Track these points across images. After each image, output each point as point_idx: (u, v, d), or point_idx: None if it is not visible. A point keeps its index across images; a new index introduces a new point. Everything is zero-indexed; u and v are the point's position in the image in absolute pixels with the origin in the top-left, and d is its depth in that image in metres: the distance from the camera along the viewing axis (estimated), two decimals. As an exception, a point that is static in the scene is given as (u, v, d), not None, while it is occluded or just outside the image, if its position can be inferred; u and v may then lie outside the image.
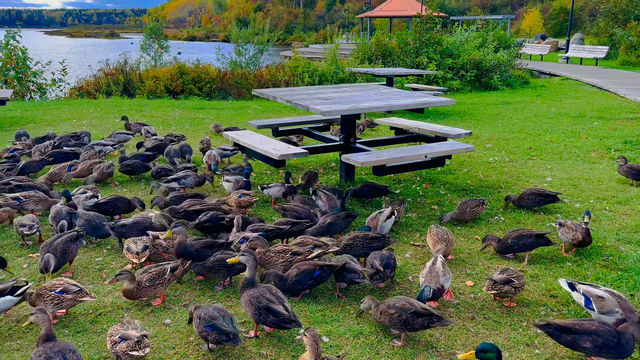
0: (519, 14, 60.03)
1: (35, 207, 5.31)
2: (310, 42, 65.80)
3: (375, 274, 3.98)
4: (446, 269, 3.85)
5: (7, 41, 15.91)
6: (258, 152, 5.96)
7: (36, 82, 16.71)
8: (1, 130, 10.15)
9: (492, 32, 23.13)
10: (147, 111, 13.08)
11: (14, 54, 16.01)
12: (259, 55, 20.72)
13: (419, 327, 3.33)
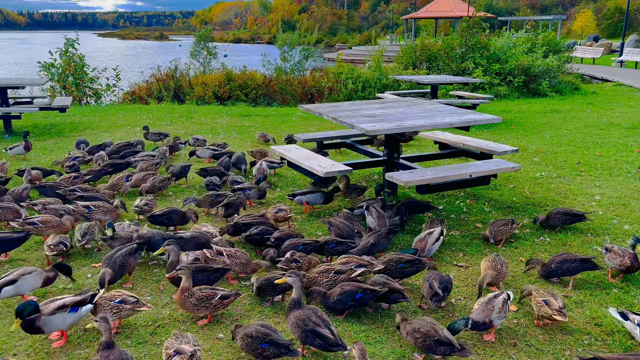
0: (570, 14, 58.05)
1: (103, 217, 5.65)
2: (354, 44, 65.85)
3: (434, 296, 4.11)
4: (505, 308, 3.76)
5: (67, 48, 16.83)
6: (304, 167, 6.14)
7: (92, 87, 17.58)
8: (62, 137, 10.76)
9: (541, 35, 22.58)
10: (197, 118, 13.53)
11: (73, 61, 16.91)
12: (304, 61, 20.98)
13: (441, 354, 3.48)
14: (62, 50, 16.75)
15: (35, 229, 5.10)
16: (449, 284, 4.22)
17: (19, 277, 4.00)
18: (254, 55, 54.63)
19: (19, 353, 3.58)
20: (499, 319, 3.74)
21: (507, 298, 3.84)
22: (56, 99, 12.14)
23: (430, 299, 4.13)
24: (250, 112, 15.21)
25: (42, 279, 4.14)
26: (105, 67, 18.23)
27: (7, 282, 3.94)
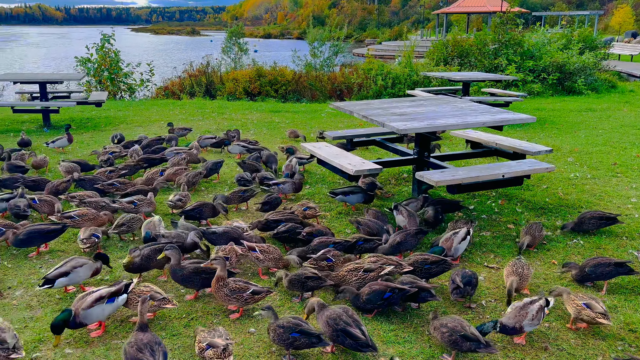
0: (607, 10, 56.29)
1: (147, 209, 5.86)
2: (384, 39, 65.37)
3: (455, 289, 4.12)
4: (539, 315, 3.71)
5: (103, 44, 17.25)
6: (333, 165, 6.18)
7: (126, 82, 17.98)
8: (97, 131, 11.07)
9: (577, 31, 22.00)
10: (228, 114, 13.70)
11: (108, 56, 17.33)
12: (334, 57, 20.96)
13: (467, 349, 3.50)
14: (99, 46, 17.19)
15: (72, 222, 5.29)
16: (472, 278, 4.22)
17: (71, 269, 4.22)
18: (283, 51, 54.83)
19: (60, 342, 3.73)
20: (530, 325, 3.70)
21: (545, 305, 3.79)
22: (92, 93, 12.48)
23: (452, 292, 4.17)
24: (280, 108, 15.32)
25: (92, 270, 4.37)
26: (139, 62, 18.61)
27: (61, 274, 4.17)
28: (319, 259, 4.64)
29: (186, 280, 4.27)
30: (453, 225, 5.39)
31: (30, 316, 4.03)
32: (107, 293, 3.76)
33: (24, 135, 9.08)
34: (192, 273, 4.26)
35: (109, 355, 3.59)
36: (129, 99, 17.73)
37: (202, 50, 47.84)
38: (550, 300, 3.87)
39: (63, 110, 12.04)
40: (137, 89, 18.33)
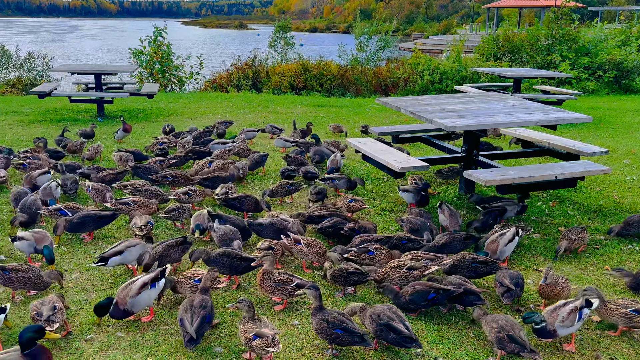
0: (673, 3, 53.16)
1: (199, 199, 6.06)
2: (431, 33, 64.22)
3: (506, 292, 4.06)
4: (571, 317, 3.57)
5: (155, 37, 17.74)
6: (379, 161, 6.14)
7: (177, 75, 18.43)
8: (149, 122, 11.41)
9: (636, 27, 20.92)
10: (273, 107, 13.84)
11: (160, 49, 17.80)
12: (380, 51, 20.78)
13: (510, 351, 3.46)
14: (151, 39, 17.68)
15: (127, 208, 5.50)
16: (519, 279, 4.16)
17: (125, 248, 4.43)
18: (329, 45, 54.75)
19: (112, 324, 3.89)
20: (563, 327, 3.59)
21: (583, 306, 3.64)
22: (145, 85, 12.85)
23: (502, 296, 4.09)
24: (325, 102, 15.34)
25: (144, 251, 4.55)
26: (189, 55, 19.02)
27: (115, 253, 4.39)
28: (360, 251, 4.64)
29: (214, 263, 4.35)
30: (499, 226, 5.26)
31: (85, 299, 4.22)
32: (149, 279, 3.88)
33: (94, 126, 9.37)
34: (220, 255, 4.37)
35: (158, 340, 3.71)
36: (179, 91, 18.19)
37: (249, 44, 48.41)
38: (594, 302, 3.73)
39: (116, 101, 12.47)
40: (187, 81, 18.76)
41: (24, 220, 5.22)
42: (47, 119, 11.29)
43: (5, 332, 3.76)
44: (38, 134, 9.62)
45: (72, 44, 57.94)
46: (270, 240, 4.84)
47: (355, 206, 5.86)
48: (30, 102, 13.31)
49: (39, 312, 3.65)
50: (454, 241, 4.87)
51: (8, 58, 18.32)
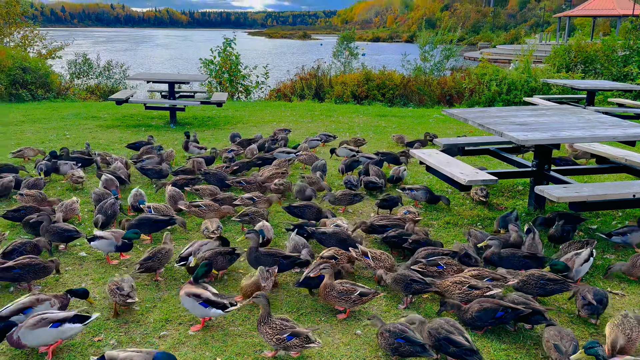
0: None
1: (263, 205, 6.23)
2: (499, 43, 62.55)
3: (587, 305, 3.98)
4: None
5: (225, 47, 18.41)
6: (444, 174, 6.06)
7: (244, 84, 19.02)
8: (217, 129, 11.83)
9: None
10: (335, 116, 13.97)
11: (229, 59, 18.45)
12: (445, 61, 20.48)
13: None
14: (221, 49, 18.37)
15: (200, 211, 5.77)
16: (604, 297, 4.05)
17: (198, 248, 4.82)
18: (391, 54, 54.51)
19: (184, 323, 4.08)
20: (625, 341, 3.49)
21: None
22: (215, 94, 13.36)
23: (582, 308, 4.02)
24: (387, 112, 15.31)
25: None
26: (256, 65, 19.57)
27: (191, 253, 4.75)
28: (429, 263, 4.59)
29: (260, 262, 4.54)
30: (567, 246, 5.05)
31: (158, 297, 4.44)
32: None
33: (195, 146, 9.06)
34: (266, 255, 4.60)
35: (226, 340, 3.85)
36: (245, 99, 18.75)
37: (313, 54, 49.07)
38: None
39: (187, 108, 13.03)
40: (253, 90, 19.32)
41: (102, 221, 5.55)
42: (124, 124, 11.97)
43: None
44: (115, 139, 10.23)
45: (145, 52, 61.06)
46: (335, 250, 4.88)
47: (410, 218, 5.81)
48: (108, 108, 14.17)
49: (119, 287, 4.02)
50: (513, 258, 4.74)
51: (89, 66, 19.59)
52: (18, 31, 20.52)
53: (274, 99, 19.00)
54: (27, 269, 4.34)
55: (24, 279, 4.38)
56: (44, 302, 3.82)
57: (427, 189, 6.66)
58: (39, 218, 5.28)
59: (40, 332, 3.45)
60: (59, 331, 3.50)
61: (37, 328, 3.45)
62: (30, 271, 4.36)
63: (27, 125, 11.57)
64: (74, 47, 22.43)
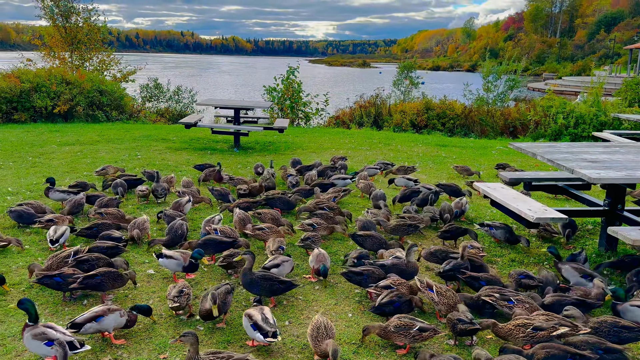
0: None
1: (324, 233, 6.32)
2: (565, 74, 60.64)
3: None
4: None
5: (288, 75, 18.95)
6: (511, 209, 5.89)
7: (304, 110, 19.43)
8: (278, 154, 12.10)
9: None
10: (393, 145, 13.94)
11: (292, 87, 18.95)
12: (508, 92, 20.08)
13: None
14: (284, 77, 18.92)
15: (263, 233, 5.92)
16: None
17: (281, 262, 5.07)
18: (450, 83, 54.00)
19: (244, 346, 4.14)
20: None
21: None
22: (277, 120, 13.72)
23: None
24: (447, 142, 15.11)
25: (292, 267, 5.21)
26: (317, 94, 19.97)
27: (273, 265, 5.04)
28: (501, 298, 4.46)
29: (252, 285, 4.62)
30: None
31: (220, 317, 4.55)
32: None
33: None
34: (260, 279, 4.63)
35: None
36: (305, 126, 19.11)
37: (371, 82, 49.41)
38: None
39: (250, 133, 13.45)
40: (312, 117, 19.67)
41: (166, 241, 5.76)
42: (191, 147, 12.49)
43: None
44: (183, 161, 10.69)
45: (210, 78, 63.72)
46: (392, 279, 4.83)
47: (473, 253, 5.66)
48: (176, 131, 14.84)
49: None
50: (567, 302, 4.52)
51: (160, 90, 20.68)
52: (97, 56, 22.00)
53: (332, 126, 19.24)
54: (106, 277, 4.62)
55: (102, 287, 4.63)
56: (115, 312, 4.03)
57: (508, 228, 6.33)
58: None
59: (34, 343, 3.71)
60: (47, 350, 3.69)
61: (35, 339, 3.70)
62: (109, 279, 4.64)
63: (102, 144, 12.30)
64: (145, 71, 23.74)
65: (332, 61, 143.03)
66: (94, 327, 3.95)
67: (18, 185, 8.32)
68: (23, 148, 11.48)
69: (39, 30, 22.68)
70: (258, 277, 4.65)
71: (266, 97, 19.34)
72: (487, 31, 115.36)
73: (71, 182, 8.39)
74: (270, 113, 18.80)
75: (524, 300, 4.45)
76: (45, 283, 4.58)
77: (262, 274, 4.70)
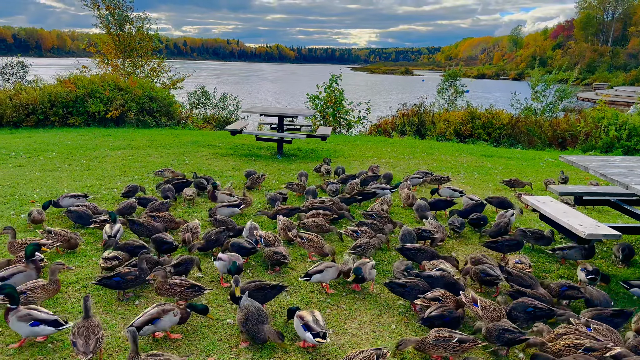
0: None
1: (369, 240, 6.32)
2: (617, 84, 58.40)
3: None
4: None
5: (330, 83, 19.07)
6: (561, 224, 5.74)
7: (346, 118, 19.49)
8: (320, 162, 12.14)
9: None
10: (437, 154, 13.79)
11: (334, 94, 19.06)
12: (558, 102, 19.52)
13: None
14: (327, 85, 19.05)
15: (302, 242, 5.97)
16: None
17: (325, 268, 5.14)
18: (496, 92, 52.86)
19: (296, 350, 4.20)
20: None
21: None
22: (319, 128, 13.83)
23: None
24: (492, 152, 14.83)
25: (337, 272, 5.21)
26: (360, 102, 20.00)
27: (317, 271, 5.12)
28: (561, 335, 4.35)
29: (250, 296, 4.47)
30: None
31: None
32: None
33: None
34: (255, 289, 4.58)
35: None
36: (346, 133, 19.16)
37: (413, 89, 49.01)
38: None
39: (293, 141, 13.59)
40: (354, 125, 19.71)
41: (200, 246, 5.92)
42: (236, 153, 12.75)
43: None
44: (228, 167, 10.92)
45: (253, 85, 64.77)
46: (440, 292, 4.78)
47: (521, 268, 5.54)
48: (222, 137, 15.18)
49: None
50: (599, 318, 4.38)
51: (206, 97, 21.21)
52: (148, 64, 22.79)
53: (374, 134, 19.21)
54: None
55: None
56: (169, 313, 4.19)
57: (581, 247, 5.94)
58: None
59: (20, 325, 3.91)
60: (32, 330, 3.93)
61: (21, 320, 3.91)
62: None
63: (152, 149, 12.73)
64: (192, 78, 24.41)
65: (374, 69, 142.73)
66: (151, 329, 4.10)
67: (74, 187, 8.72)
68: (78, 151, 12.03)
69: (94, 38, 23.70)
70: (252, 288, 4.61)
71: (309, 105, 19.52)
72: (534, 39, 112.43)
73: (123, 185, 8.75)
74: (312, 121, 18.96)
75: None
76: (105, 284, 4.80)
77: (256, 284, 4.67)
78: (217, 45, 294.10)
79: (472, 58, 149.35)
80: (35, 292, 4.46)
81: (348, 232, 6.35)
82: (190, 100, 21.14)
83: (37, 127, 16.07)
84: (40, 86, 17.23)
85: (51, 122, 16.31)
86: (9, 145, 12.42)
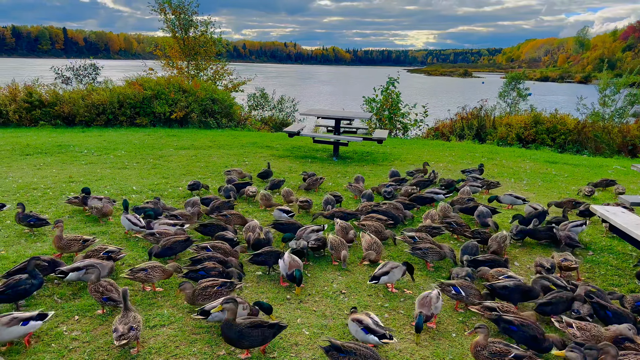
0: None
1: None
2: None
3: None
4: None
5: (387, 86, 18.97)
6: (632, 236, 5.46)
7: (402, 121, 19.32)
8: (376, 165, 12.15)
9: None
10: (498, 160, 13.41)
11: (391, 97, 18.94)
12: (629, 107, 18.51)
13: None
14: (384, 88, 18.97)
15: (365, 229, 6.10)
16: None
17: (390, 269, 5.24)
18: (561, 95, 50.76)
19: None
20: None
21: None
22: (376, 131, 13.80)
23: None
24: (557, 158, 14.27)
25: (402, 272, 5.30)
26: (415, 103, 19.78)
27: (383, 273, 5.20)
28: None
29: (243, 338, 3.96)
30: None
31: (324, 324, 4.68)
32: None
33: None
34: (249, 327, 3.99)
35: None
36: (402, 137, 18.99)
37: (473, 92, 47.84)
38: None
39: (350, 143, 13.66)
40: (411, 128, 19.51)
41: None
42: (293, 154, 12.95)
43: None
44: (285, 168, 11.11)
45: (309, 88, 65.40)
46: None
47: (567, 265, 5.48)
48: (279, 139, 15.45)
49: None
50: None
51: (265, 99, 21.64)
52: (211, 67, 23.52)
53: (431, 138, 18.93)
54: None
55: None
56: (239, 305, 4.36)
57: None
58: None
59: (11, 330, 4.00)
60: (24, 329, 4.05)
61: (11, 326, 4.00)
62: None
63: (214, 150, 13.15)
64: (250, 81, 24.93)
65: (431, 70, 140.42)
66: (219, 316, 4.32)
67: (141, 185, 9.16)
68: (144, 150, 12.61)
69: (159, 42, 24.75)
70: (246, 327, 3.97)
71: (365, 108, 19.50)
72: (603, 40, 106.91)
73: (187, 183, 9.10)
74: (367, 123, 18.93)
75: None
76: (191, 277, 5.15)
77: (251, 322, 4.01)
78: (275, 48, 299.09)
79: (535, 60, 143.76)
80: (154, 271, 5.02)
81: (405, 238, 6.31)
82: (249, 102, 21.63)
83: (107, 126, 16.97)
84: (110, 87, 18.18)
85: (120, 121, 17.17)
86: (82, 144, 13.18)
